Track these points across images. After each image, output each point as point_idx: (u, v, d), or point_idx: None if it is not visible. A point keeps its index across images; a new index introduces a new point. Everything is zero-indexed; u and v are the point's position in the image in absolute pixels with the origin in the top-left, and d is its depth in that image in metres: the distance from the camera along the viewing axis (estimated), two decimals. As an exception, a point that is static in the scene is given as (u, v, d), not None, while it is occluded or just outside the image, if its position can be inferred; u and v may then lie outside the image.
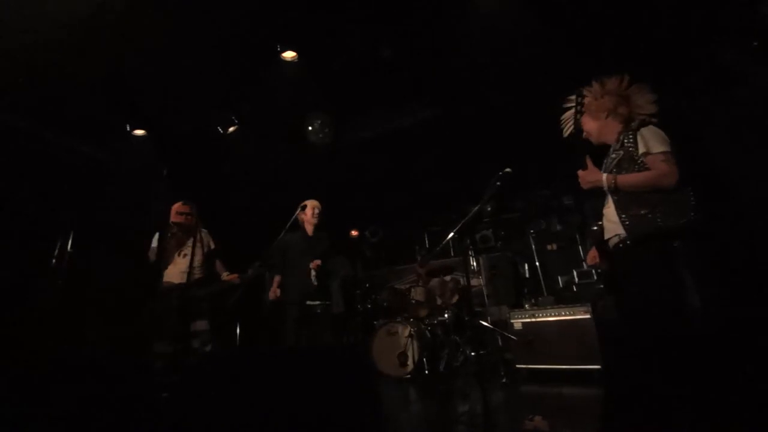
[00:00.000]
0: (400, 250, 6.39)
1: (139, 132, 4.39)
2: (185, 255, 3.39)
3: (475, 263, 5.08)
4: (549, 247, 5.47)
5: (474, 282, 4.95)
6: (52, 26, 3.11)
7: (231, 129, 4.48)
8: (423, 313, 4.56)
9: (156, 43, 3.32)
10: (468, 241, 5.54)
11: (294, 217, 3.52)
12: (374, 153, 4.95)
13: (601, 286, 3.98)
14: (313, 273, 3.40)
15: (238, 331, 5.14)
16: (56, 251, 3.74)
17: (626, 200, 1.84)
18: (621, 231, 1.85)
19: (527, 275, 5.37)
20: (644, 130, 1.87)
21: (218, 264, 3.63)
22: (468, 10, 3.38)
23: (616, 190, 1.87)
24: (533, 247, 5.44)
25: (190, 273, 3.20)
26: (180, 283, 3.30)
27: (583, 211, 5.28)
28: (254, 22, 3.34)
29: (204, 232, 3.57)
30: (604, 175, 1.90)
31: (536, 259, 5.27)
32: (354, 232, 6.17)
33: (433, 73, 4.06)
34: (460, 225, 2.49)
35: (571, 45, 3.55)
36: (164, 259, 3.37)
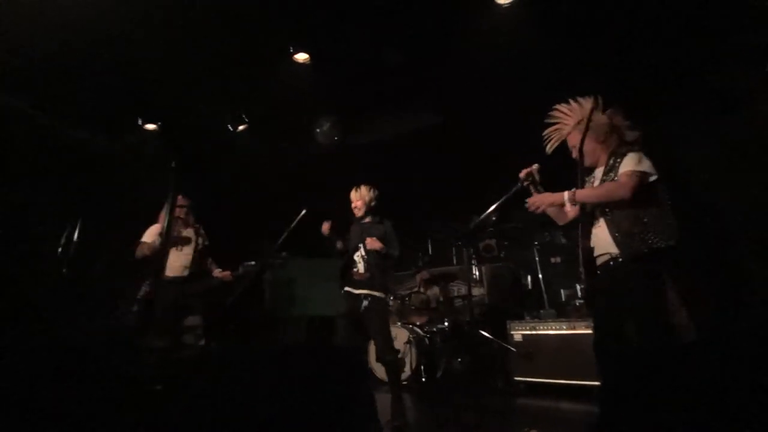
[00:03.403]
0: (402, 257, 6.36)
1: (150, 126, 4.45)
2: (180, 250, 3.40)
3: (477, 272, 5.05)
4: (553, 260, 5.42)
5: (475, 291, 4.92)
6: (65, 18, 3.17)
7: (241, 127, 4.52)
8: (422, 319, 4.53)
9: (171, 38, 3.37)
10: (471, 250, 5.53)
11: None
12: (377, 157, 4.96)
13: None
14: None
15: (234, 329, 5.15)
16: (62, 240, 3.78)
17: (619, 219, 1.90)
18: (613, 250, 1.90)
19: (530, 287, 5.32)
20: (631, 155, 1.96)
21: (209, 260, 3.64)
22: (474, 19, 3.42)
23: (575, 202, 1.98)
24: (537, 259, 5.39)
25: (188, 267, 3.23)
26: (175, 277, 3.31)
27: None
28: (267, 22, 3.38)
29: (198, 227, 3.57)
30: (565, 193, 1.99)
31: (539, 272, 5.22)
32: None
33: (438, 79, 4.09)
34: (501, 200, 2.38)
35: (576, 58, 3.58)
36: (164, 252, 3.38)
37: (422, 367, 3.92)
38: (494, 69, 3.79)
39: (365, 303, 2.93)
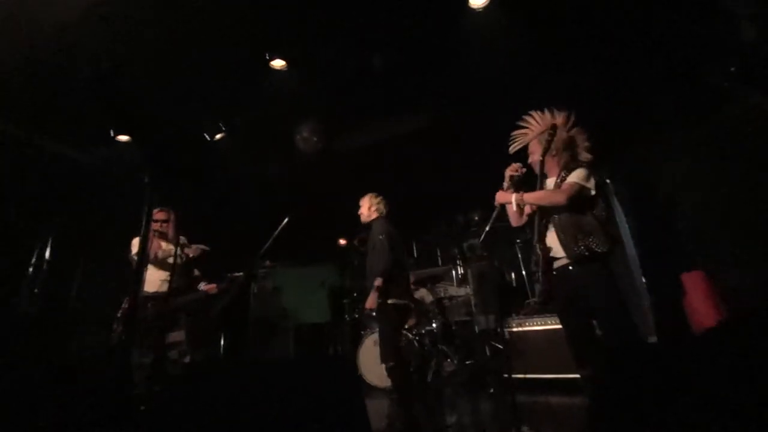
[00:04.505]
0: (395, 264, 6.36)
1: (123, 138, 4.32)
2: (162, 263, 3.31)
3: (462, 272, 5.10)
4: (534, 257, 5.53)
5: (461, 291, 4.96)
6: (37, 26, 3.06)
7: (218, 136, 4.44)
8: (411, 322, 4.53)
9: (144, 46, 3.29)
10: (456, 250, 5.58)
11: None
12: (364, 161, 4.97)
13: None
14: None
15: (222, 341, 5.04)
16: (34, 259, 3.63)
17: (565, 226, 2.18)
18: (561, 253, 2.18)
19: (514, 284, 5.41)
20: (578, 170, 2.22)
21: (196, 273, 3.56)
22: (460, 22, 3.47)
23: (521, 203, 2.29)
24: (519, 256, 5.48)
25: (166, 282, 3.15)
26: (155, 293, 3.22)
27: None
28: (246, 29, 3.35)
29: (182, 240, 3.49)
30: (513, 195, 2.32)
31: (522, 269, 5.31)
32: (342, 241, 6.14)
33: (417, 81, 4.13)
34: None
35: (560, 62, 3.69)
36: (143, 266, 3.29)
37: (412, 370, 3.92)
38: (472, 71, 3.85)
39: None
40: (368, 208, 3.38)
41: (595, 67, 3.72)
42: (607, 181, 4.40)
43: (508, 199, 2.33)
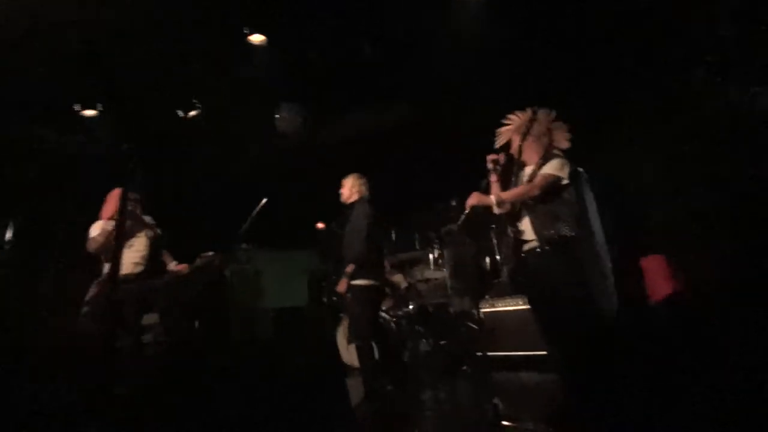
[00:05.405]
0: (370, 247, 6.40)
1: (89, 112, 4.08)
2: (131, 246, 3.22)
3: (439, 255, 5.20)
4: (505, 240, 5.69)
5: (438, 274, 5.08)
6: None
7: (192, 113, 4.29)
8: (387, 304, 4.62)
9: (122, 21, 3.11)
10: (433, 234, 5.67)
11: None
12: (342, 147, 4.93)
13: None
14: None
15: (196, 324, 4.98)
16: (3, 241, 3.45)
17: (537, 212, 2.32)
18: (532, 237, 2.31)
19: (488, 267, 5.56)
20: (554, 160, 2.35)
21: (165, 254, 3.47)
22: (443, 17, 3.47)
23: (501, 203, 2.40)
24: (494, 240, 5.63)
25: (131, 264, 3.08)
26: (126, 275, 3.14)
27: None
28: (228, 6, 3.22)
29: (148, 219, 3.39)
30: (492, 196, 2.42)
31: (497, 253, 5.47)
32: (320, 225, 6.12)
33: (400, 71, 4.12)
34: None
35: (540, 59, 3.75)
36: (112, 249, 3.19)
37: (389, 351, 4.01)
38: (459, 62, 3.86)
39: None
40: (350, 188, 3.34)
41: (574, 58, 3.80)
42: (580, 169, 4.56)
43: (490, 201, 2.43)
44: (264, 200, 3.48)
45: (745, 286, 3.09)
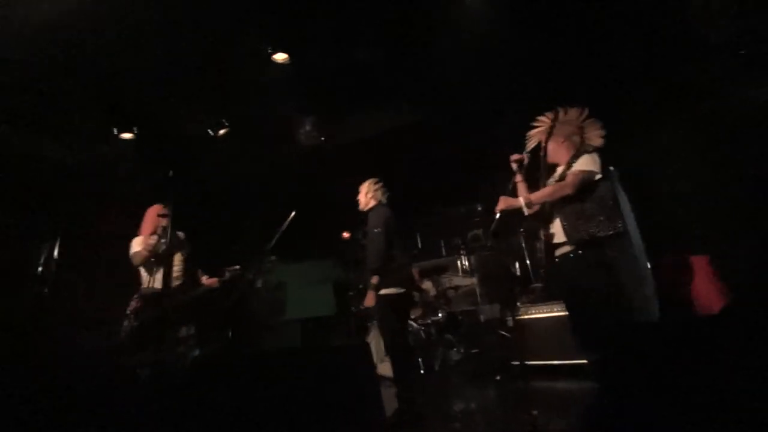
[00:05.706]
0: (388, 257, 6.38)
1: (126, 135, 4.29)
2: (162, 260, 3.31)
3: (467, 262, 5.12)
4: (538, 245, 5.53)
5: (467, 281, 4.99)
6: (31, 25, 3.03)
7: (222, 132, 4.43)
8: (416, 312, 4.57)
9: (145, 43, 3.26)
10: (459, 240, 5.59)
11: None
12: (364, 154, 4.96)
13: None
14: None
15: (229, 334, 5.08)
16: (42, 259, 3.64)
17: (567, 212, 2.20)
18: (563, 239, 2.20)
19: (518, 273, 5.43)
20: (583, 156, 2.25)
21: (197, 269, 3.56)
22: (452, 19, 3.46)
23: (530, 205, 2.29)
24: (523, 245, 5.49)
25: (170, 278, 3.17)
26: (160, 289, 3.23)
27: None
28: (244, 24, 3.32)
29: (181, 235, 3.48)
30: (521, 198, 2.32)
31: (527, 257, 5.33)
32: (346, 234, 6.15)
33: (416, 74, 4.12)
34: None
35: (554, 60, 3.68)
36: (153, 264, 3.31)
37: (420, 360, 3.96)
38: (471, 63, 3.84)
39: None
40: (365, 195, 3.21)
41: (601, 54, 3.70)
42: (611, 168, 4.40)
43: (518, 204, 2.32)
44: (293, 213, 3.51)
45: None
